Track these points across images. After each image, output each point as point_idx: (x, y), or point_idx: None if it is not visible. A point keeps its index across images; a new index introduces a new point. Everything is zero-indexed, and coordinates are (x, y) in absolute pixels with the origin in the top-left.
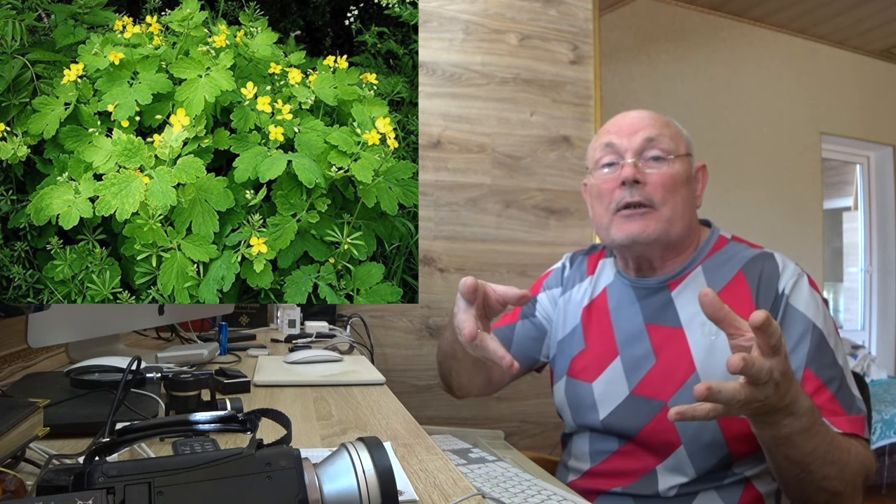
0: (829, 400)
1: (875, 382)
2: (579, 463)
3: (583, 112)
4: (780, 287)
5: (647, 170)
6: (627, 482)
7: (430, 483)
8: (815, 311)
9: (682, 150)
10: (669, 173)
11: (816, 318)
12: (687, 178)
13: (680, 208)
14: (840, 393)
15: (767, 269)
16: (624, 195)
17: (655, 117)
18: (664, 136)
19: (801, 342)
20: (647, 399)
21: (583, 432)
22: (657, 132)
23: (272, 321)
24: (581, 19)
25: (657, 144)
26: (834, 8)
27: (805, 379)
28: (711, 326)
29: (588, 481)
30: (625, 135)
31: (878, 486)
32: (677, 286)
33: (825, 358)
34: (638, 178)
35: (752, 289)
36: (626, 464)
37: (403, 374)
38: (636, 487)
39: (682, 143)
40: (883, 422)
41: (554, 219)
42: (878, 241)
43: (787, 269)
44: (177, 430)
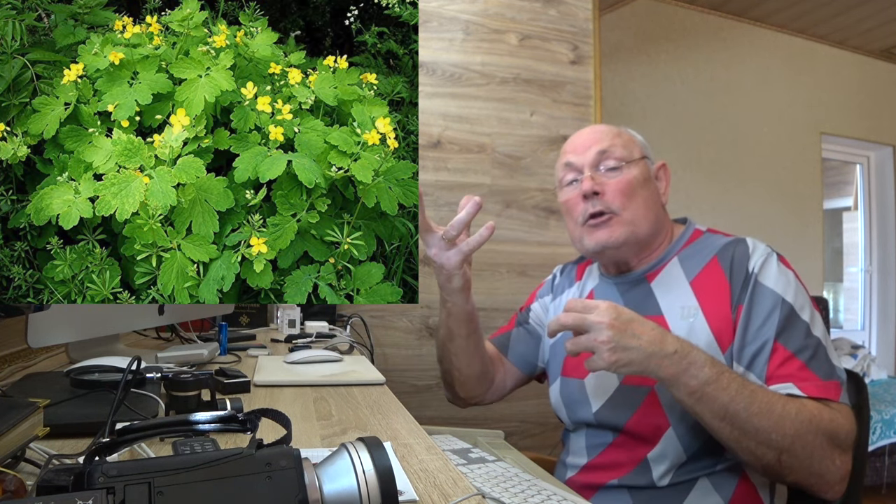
0: (800, 368)
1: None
2: (576, 458)
3: (583, 112)
4: (749, 267)
5: (605, 179)
6: (622, 473)
7: (430, 483)
8: (784, 286)
9: (636, 155)
10: (625, 179)
11: (786, 293)
12: (645, 179)
13: (641, 210)
14: (813, 362)
15: (739, 252)
16: (587, 207)
17: (606, 130)
18: (616, 146)
19: (770, 316)
20: (636, 387)
21: (579, 429)
22: (608, 143)
23: (272, 321)
24: (581, 19)
25: (610, 155)
26: (834, 8)
27: (774, 351)
28: (689, 310)
29: (585, 476)
30: (580, 152)
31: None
32: (655, 277)
33: (796, 331)
34: (596, 190)
35: (725, 272)
36: (620, 455)
37: (403, 374)
38: (631, 479)
39: (636, 149)
40: (883, 422)
41: (554, 219)
42: (878, 241)
43: (757, 249)
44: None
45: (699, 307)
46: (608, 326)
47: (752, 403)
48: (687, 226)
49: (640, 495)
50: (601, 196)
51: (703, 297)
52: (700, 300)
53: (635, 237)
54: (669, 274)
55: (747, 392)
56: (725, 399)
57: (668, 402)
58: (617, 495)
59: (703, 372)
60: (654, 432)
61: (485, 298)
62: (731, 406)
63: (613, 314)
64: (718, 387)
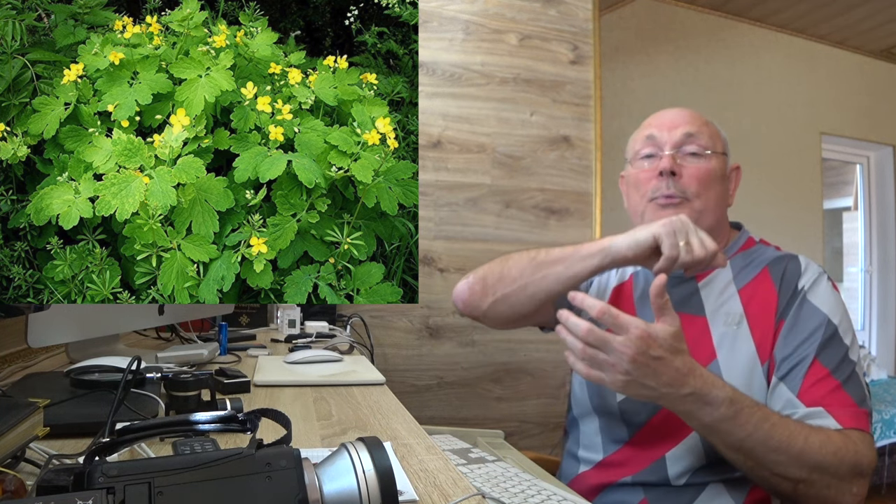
0: (835, 389)
1: (875, 382)
2: (590, 453)
3: (583, 112)
4: (800, 284)
5: (684, 163)
6: (637, 470)
7: (430, 483)
8: (832, 307)
9: (719, 149)
10: (705, 168)
11: (833, 314)
12: (721, 175)
13: (712, 203)
14: (849, 384)
15: (791, 268)
16: (660, 185)
17: (696, 115)
18: (703, 133)
19: (814, 334)
20: None
21: (592, 417)
22: (696, 129)
23: (272, 321)
24: (581, 19)
25: (695, 140)
26: (834, 8)
27: (811, 367)
28: (734, 317)
29: (599, 472)
30: (665, 129)
31: (878, 486)
32: (704, 278)
33: (836, 352)
34: (674, 170)
35: (775, 284)
36: (637, 452)
37: (403, 374)
38: (645, 475)
39: (720, 142)
40: (883, 422)
41: (554, 219)
42: (878, 241)
43: (810, 268)
44: (177, 430)
45: (744, 315)
46: (630, 360)
47: (771, 438)
48: (742, 232)
49: (653, 492)
50: (677, 178)
51: (750, 306)
52: (746, 309)
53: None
54: (719, 277)
55: (767, 426)
56: (741, 434)
57: None
58: (630, 491)
59: (719, 411)
60: (675, 432)
61: None
62: (746, 441)
63: (641, 347)
64: (735, 424)
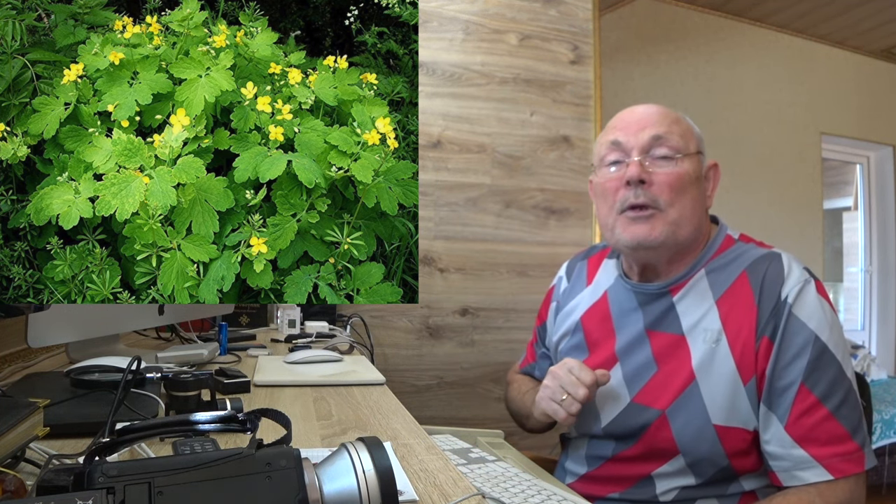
0: (827, 418)
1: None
2: (576, 466)
3: (583, 112)
4: (783, 293)
5: (654, 169)
6: (623, 488)
7: (430, 483)
8: (819, 321)
9: (692, 149)
10: (677, 173)
11: (821, 329)
12: (696, 177)
13: (688, 210)
14: (842, 410)
15: (772, 272)
16: (629, 196)
17: (665, 113)
18: (672, 134)
19: (800, 355)
20: (646, 407)
21: (582, 437)
22: (665, 129)
23: (272, 321)
24: (581, 19)
25: (665, 142)
26: (834, 8)
27: (798, 394)
28: (712, 333)
29: (584, 485)
30: (632, 132)
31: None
32: (679, 291)
33: (826, 372)
34: (643, 178)
35: (754, 293)
36: (623, 469)
37: (403, 374)
38: (632, 493)
39: (693, 141)
40: (883, 422)
41: (554, 219)
42: (878, 241)
43: (793, 273)
44: (177, 430)
45: (723, 331)
46: None
47: None
48: (719, 230)
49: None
50: (647, 186)
51: (728, 320)
52: (724, 324)
53: (675, 240)
54: (694, 289)
55: None
56: None
57: (678, 429)
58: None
59: None
60: (661, 454)
61: (484, 298)
62: None
63: None
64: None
